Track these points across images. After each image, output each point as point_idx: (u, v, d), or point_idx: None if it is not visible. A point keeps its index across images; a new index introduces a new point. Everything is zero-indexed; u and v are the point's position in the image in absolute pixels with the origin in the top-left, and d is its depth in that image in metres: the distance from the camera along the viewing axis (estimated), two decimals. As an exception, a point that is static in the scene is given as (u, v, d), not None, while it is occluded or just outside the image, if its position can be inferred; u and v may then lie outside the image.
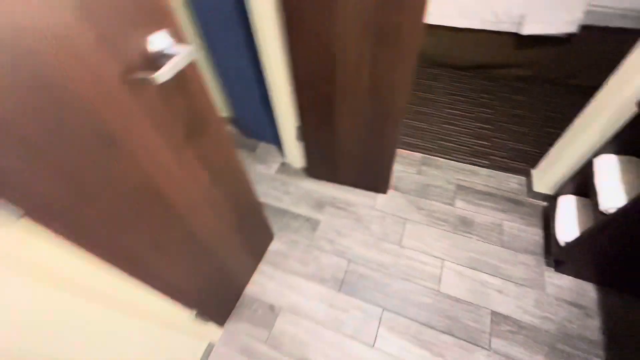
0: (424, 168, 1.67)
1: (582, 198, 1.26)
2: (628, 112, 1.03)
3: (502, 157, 1.68)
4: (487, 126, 1.84)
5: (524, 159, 1.65)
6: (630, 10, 1.58)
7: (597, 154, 1.13)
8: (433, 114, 1.94)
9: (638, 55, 1.00)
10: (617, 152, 1.08)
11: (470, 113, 1.92)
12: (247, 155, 1.82)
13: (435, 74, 2.19)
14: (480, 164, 1.66)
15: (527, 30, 1.74)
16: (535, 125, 1.82)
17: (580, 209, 1.23)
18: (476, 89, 2.07)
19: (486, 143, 1.76)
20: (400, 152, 1.76)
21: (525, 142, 1.74)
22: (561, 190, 1.33)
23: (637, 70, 0.96)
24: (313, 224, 1.49)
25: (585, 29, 1.70)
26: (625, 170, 1.03)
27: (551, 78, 2.00)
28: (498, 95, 2.00)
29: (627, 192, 0.97)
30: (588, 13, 1.64)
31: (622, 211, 0.92)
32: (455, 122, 1.88)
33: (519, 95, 1.99)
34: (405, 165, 1.69)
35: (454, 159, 1.70)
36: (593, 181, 1.08)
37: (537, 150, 1.68)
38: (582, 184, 1.23)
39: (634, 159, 1.05)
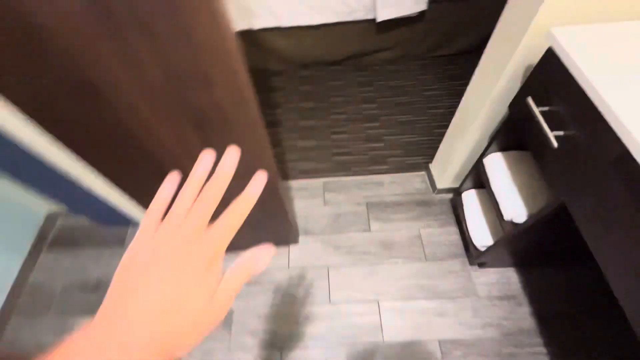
0: (328, 196, 1.50)
1: (484, 191, 1.24)
2: (501, 113, 0.98)
3: (399, 156, 1.61)
4: (375, 124, 1.74)
5: (420, 152, 1.61)
6: (465, -21, 1.58)
7: (484, 152, 1.08)
8: (320, 126, 1.76)
9: (490, 57, 0.93)
10: (502, 149, 1.04)
11: (356, 114, 1.80)
12: (115, 254, 1.39)
13: (308, 75, 1.99)
14: (381, 171, 1.56)
15: (381, 16, 1.63)
16: (419, 109, 1.78)
17: (486, 206, 1.21)
18: (353, 83, 1.94)
19: (380, 144, 1.66)
20: (298, 183, 1.55)
21: (415, 132, 1.69)
22: (463, 184, 1.29)
23: (497, 71, 0.88)
24: (226, 318, 1.21)
25: (432, 2, 1.66)
26: (514, 169, 0.99)
27: (418, 54, 1.98)
28: (376, 86, 1.91)
29: (525, 197, 0.93)
30: (431, -12, 1.59)
31: (528, 224, 0.87)
32: (344, 129, 1.74)
33: (394, 80, 1.93)
34: (309, 199, 1.49)
35: (355, 173, 1.56)
36: (489, 186, 1.03)
37: (429, 138, 1.65)
38: (479, 178, 1.20)
39: (518, 153, 1.02)
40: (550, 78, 0.72)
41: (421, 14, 1.70)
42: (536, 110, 0.72)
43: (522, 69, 0.85)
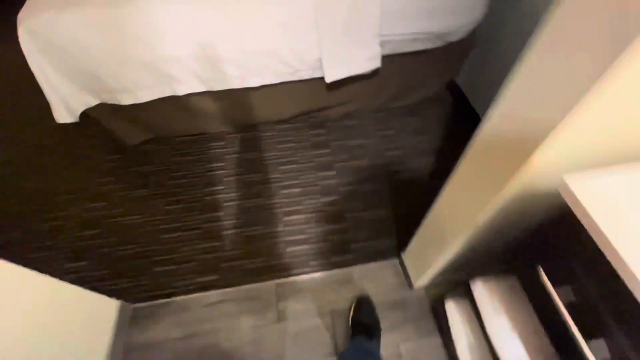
0: (283, 305, 1.20)
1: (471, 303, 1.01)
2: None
3: (366, 240, 1.36)
4: (334, 197, 1.49)
5: (389, 232, 1.37)
6: (418, 34, 1.39)
7: (470, 271, 0.85)
8: (269, 205, 1.47)
9: (467, 179, 0.70)
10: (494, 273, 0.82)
11: (311, 185, 1.53)
12: None
13: (253, 138, 1.71)
14: (346, 262, 1.30)
15: (330, 76, 1.40)
16: (382, 175, 1.55)
17: (477, 327, 0.97)
18: (306, 144, 1.68)
19: (341, 225, 1.40)
20: (245, 290, 1.24)
21: (381, 206, 1.45)
22: (444, 290, 1.06)
23: (480, 200, 0.65)
24: None
25: (386, 58, 1.46)
26: (510, 302, 0.76)
27: (376, 107, 1.78)
28: (333, 146, 1.67)
29: (526, 338, 0.70)
30: (383, 44, 1.38)
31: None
32: (298, 207, 1.46)
33: (353, 139, 1.70)
34: (258, 314, 1.18)
35: (315, 268, 1.28)
36: (481, 318, 0.79)
37: (397, 212, 1.42)
38: (465, 290, 0.97)
39: (511, 281, 0.80)
40: (567, 245, 0.49)
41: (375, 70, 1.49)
42: (556, 296, 0.48)
43: (517, 200, 0.63)
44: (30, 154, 1.65)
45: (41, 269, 1.29)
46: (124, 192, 1.52)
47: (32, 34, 1.16)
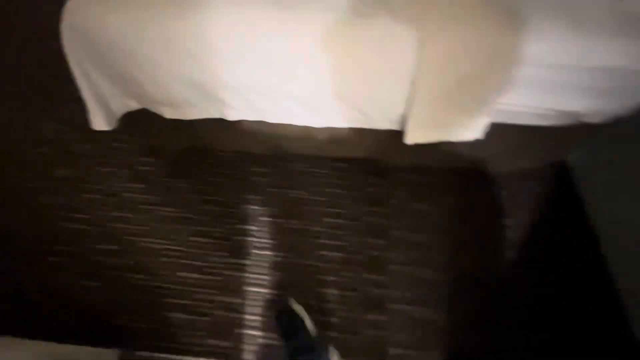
0: (294, 407, 1.02)
1: None
2: None
3: (405, 347, 1.11)
4: (380, 277, 1.24)
5: (435, 343, 1.12)
6: (547, 109, 1.03)
7: None
8: (300, 268, 1.26)
9: None
10: None
11: (355, 252, 1.28)
12: None
13: (300, 172, 1.47)
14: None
15: (413, 139, 1.10)
16: (441, 261, 1.27)
17: None
18: (359, 195, 1.42)
19: (382, 317, 1.16)
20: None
21: (432, 303, 1.18)
22: None
23: None
24: None
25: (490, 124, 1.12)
26: None
27: (454, 167, 1.45)
28: (391, 207, 1.39)
29: None
30: (495, 112, 1.05)
31: None
32: (333, 277, 1.23)
33: (417, 202, 1.39)
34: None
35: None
36: None
37: (451, 318, 1.16)
38: None
39: None
40: None
41: (470, 135, 1.16)
42: None
43: None
44: (68, 137, 1.54)
45: (56, 279, 1.24)
46: (151, 206, 1.38)
47: (74, 30, 0.97)
